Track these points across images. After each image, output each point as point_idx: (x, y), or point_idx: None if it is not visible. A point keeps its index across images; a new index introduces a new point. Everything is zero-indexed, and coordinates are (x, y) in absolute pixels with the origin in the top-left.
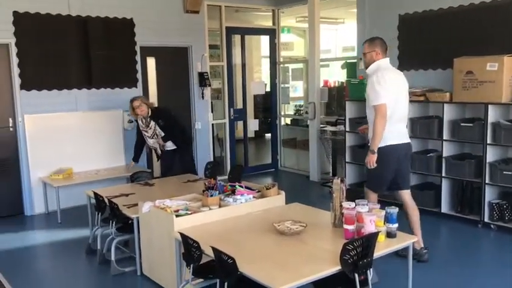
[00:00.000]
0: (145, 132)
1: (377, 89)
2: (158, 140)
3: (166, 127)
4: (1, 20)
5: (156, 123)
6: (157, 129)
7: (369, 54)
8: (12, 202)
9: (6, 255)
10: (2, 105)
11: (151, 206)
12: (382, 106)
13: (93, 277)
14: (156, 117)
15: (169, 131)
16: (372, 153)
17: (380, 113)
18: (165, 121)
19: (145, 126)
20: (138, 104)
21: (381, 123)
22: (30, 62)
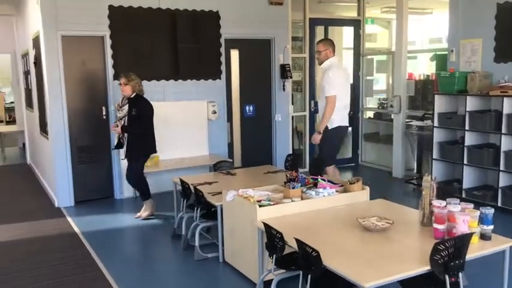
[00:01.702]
0: (117, 112)
1: (330, 82)
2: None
3: (134, 120)
4: (98, 14)
5: (129, 110)
6: (126, 117)
7: (323, 52)
8: (103, 186)
9: (98, 235)
10: (96, 94)
11: (235, 194)
12: (333, 97)
13: (177, 261)
14: (133, 104)
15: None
16: (318, 133)
17: (331, 102)
18: (137, 113)
19: (120, 106)
20: (122, 82)
21: (330, 110)
22: (122, 53)
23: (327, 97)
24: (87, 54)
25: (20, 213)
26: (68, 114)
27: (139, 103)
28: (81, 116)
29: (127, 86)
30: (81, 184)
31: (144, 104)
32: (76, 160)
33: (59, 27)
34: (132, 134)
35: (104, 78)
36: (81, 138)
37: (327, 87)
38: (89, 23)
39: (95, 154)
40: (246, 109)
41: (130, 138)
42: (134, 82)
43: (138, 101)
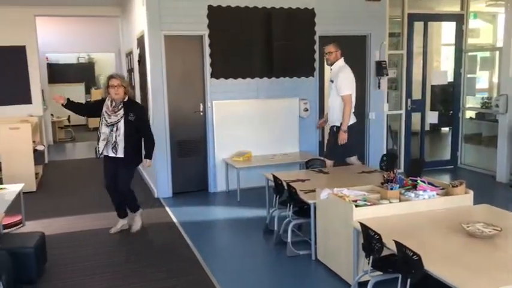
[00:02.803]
0: (107, 116)
1: (346, 82)
2: (113, 134)
3: (133, 125)
4: (198, 14)
5: (125, 115)
6: (121, 122)
7: (334, 53)
8: (199, 179)
9: (194, 226)
10: (195, 91)
11: (329, 193)
12: (350, 96)
13: (270, 256)
14: (129, 108)
15: (134, 130)
16: (344, 132)
17: (348, 101)
18: (136, 117)
19: (112, 111)
20: (116, 84)
21: (349, 108)
22: (219, 52)
23: (343, 96)
24: (187, 53)
25: None
26: (169, 110)
27: (137, 108)
28: (180, 112)
29: (121, 88)
30: (179, 177)
31: (142, 109)
32: (175, 154)
33: (162, 27)
34: (132, 141)
35: (201, 76)
36: (179, 133)
37: (343, 87)
38: (189, 22)
39: (192, 148)
40: None
41: (131, 145)
42: (127, 84)
43: (134, 106)
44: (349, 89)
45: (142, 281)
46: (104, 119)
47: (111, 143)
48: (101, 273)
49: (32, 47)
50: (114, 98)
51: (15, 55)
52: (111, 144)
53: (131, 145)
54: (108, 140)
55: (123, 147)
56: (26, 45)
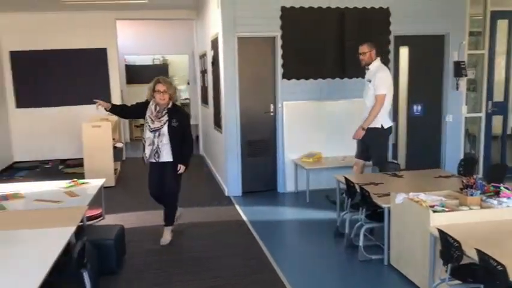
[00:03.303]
0: (150, 122)
1: (382, 82)
2: (155, 139)
3: (176, 131)
4: (271, 15)
5: (169, 121)
6: (165, 127)
7: (368, 53)
8: (267, 179)
9: (264, 225)
10: (266, 92)
11: (405, 197)
12: (383, 96)
13: (340, 259)
14: (172, 115)
15: (178, 136)
16: (362, 129)
17: (380, 100)
18: (179, 124)
19: (156, 117)
20: (163, 90)
21: (378, 108)
22: (291, 53)
23: (377, 95)
24: (259, 54)
25: (194, 199)
26: (240, 110)
27: (181, 114)
28: (251, 112)
29: (167, 95)
30: (249, 176)
31: (186, 115)
32: (245, 153)
33: (237, 29)
34: (177, 145)
35: (272, 77)
36: (250, 133)
37: (381, 86)
38: (262, 24)
39: (262, 148)
40: (414, 108)
41: (178, 149)
42: (173, 91)
43: (178, 112)
44: (385, 89)
45: (212, 277)
46: (148, 124)
47: (155, 149)
48: (174, 267)
49: (112, 49)
50: (159, 103)
51: (97, 57)
52: (155, 150)
53: (178, 149)
54: (155, 145)
55: (170, 152)
56: (107, 47)
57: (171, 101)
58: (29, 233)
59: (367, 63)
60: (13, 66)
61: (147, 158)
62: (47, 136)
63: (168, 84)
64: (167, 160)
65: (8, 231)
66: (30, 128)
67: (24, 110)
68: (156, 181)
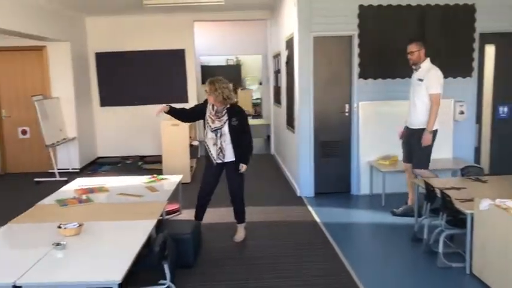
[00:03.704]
0: (211, 121)
1: (436, 81)
2: (217, 139)
3: (237, 129)
4: (348, 14)
5: (229, 120)
6: (225, 127)
7: (416, 52)
8: (340, 180)
9: (337, 227)
10: (341, 92)
11: (490, 204)
12: (439, 95)
13: (418, 265)
14: (232, 113)
15: (238, 135)
16: (430, 133)
17: (437, 100)
18: (239, 122)
19: (216, 116)
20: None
21: (437, 108)
22: (369, 52)
23: (433, 95)
24: (334, 54)
25: (264, 198)
26: (314, 110)
27: (240, 113)
28: (325, 112)
29: (210, 96)
30: (321, 177)
31: (244, 113)
32: (318, 154)
33: (312, 28)
34: (239, 144)
35: (348, 76)
36: (323, 133)
37: (434, 85)
38: (338, 23)
39: (335, 149)
40: (500, 110)
41: (240, 148)
42: (218, 92)
43: (237, 111)
44: (439, 88)
45: (284, 277)
46: (208, 124)
47: (219, 149)
48: (247, 264)
49: (190, 50)
50: (216, 105)
51: (176, 58)
52: (219, 150)
53: (240, 148)
54: (218, 145)
55: (232, 151)
56: (185, 48)
57: (228, 101)
58: (114, 225)
59: (415, 62)
60: (98, 67)
61: (215, 158)
62: (128, 133)
63: (211, 85)
64: (230, 160)
65: (95, 222)
66: (112, 125)
67: (107, 108)
68: (212, 181)
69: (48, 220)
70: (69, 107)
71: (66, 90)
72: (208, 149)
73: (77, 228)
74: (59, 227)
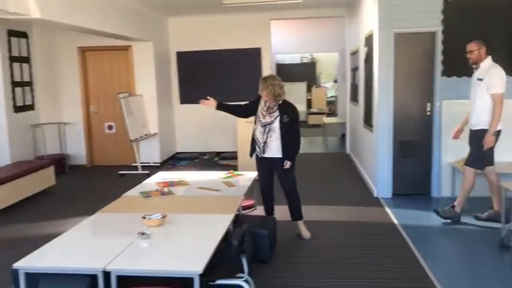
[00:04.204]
0: (262, 116)
1: (498, 80)
2: (265, 135)
3: (287, 127)
4: (431, 10)
5: (280, 117)
6: (276, 123)
7: (476, 51)
8: (420, 182)
9: (417, 230)
10: (422, 90)
11: None
12: (502, 95)
13: (507, 275)
14: (283, 110)
15: (288, 132)
16: (493, 135)
17: (500, 100)
18: (290, 119)
19: (267, 112)
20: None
21: (500, 109)
22: (453, 49)
23: (494, 95)
24: (415, 51)
25: (340, 198)
26: (394, 109)
27: (291, 110)
28: (405, 111)
29: (263, 92)
30: (400, 178)
31: (296, 111)
32: (397, 154)
33: (393, 25)
34: (287, 141)
35: (430, 74)
36: (403, 132)
37: (496, 84)
38: (421, 19)
39: (416, 149)
40: None
41: (288, 145)
42: (269, 89)
43: (289, 108)
44: (502, 88)
45: (360, 278)
46: (259, 118)
47: (263, 143)
48: (321, 263)
49: (266, 49)
50: (269, 101)
51: (252, 56)
52: (263, 145)
53: (288, 146)
54: (263, 140)
55: (279, 147)
56: (261, 47)
57: (279, 98)
58: (194, 217)
59: (475, 61)
60: (178, 66)
61: (260, 152)
62: (205, 130)
63: (264, 82)
64: (275, 156)
65: (177, 214)
66: (191, 122)
67: (186, 106)
68: (266, 175)
69: (133, 211)
70: (152, 104)
71: (149, 88)
72: (256, 142)
73: (160, 219)
74: (143, 217)
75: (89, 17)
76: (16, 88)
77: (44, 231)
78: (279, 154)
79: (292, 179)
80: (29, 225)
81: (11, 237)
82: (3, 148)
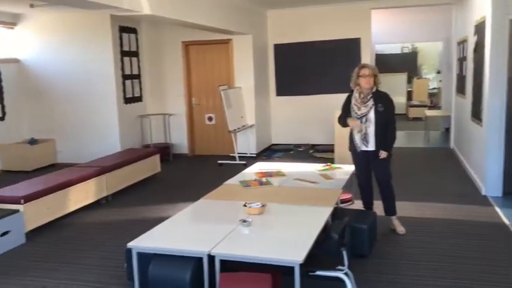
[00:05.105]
0: (357, 109)
1: None
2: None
3: (382, 116)
4: None
5: (375, 106)
6: (371, 113)
7: None
8: None
9: None
10: None
11: None
12: None
13: None
14: (377, 99)
15: (383, 122)
16: None
17: None
18: (385, 108)
19: (361, 103)
20: (368, 73)
21: None
22: None
23: None
24: None
25: (442, 195)
26: (507, 103)
27: (386, 98)
28: None
29: (372, 78)
30: None
31: (390, 99)
32: (509, 150)
33: (508, 10)
34: (382, 131)
35: None
36: None
37: None
38: None
39: None
40: None
41: (382, 136)
42: (377, 73)
43: (383, 96)
44: None
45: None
46: (354, 111)
47: (363, 136)
48: (422, 261)
49: (366, 39)
50: (365, 88)
51: (351, 47)
52: (363, 137)
53: (383, 136)
54: (361, 133)
55: (374, 139)
56: (360, 37)
57: (376, 85)
58: (292, 208)
59: None
60: (276, 58)
61: (359, 146)
62: (301, 122)
63: (373, 68)
64: (372, 148)
65: (275, 204)
66: (286, 114)
67: (282, 97)
68: (364, 170)
69: (234, 198)
70: (249, 96)
71: (247, 80)
72: (353, 136)
73: (260, 207)
74: (244, 205)
75: (194, 13)
76: (126, 81)
77: (152, 214)
78: (375, 146)
79: (388, 172)
80: (139, 209)
81: (124, 219)
82: (115, 137)
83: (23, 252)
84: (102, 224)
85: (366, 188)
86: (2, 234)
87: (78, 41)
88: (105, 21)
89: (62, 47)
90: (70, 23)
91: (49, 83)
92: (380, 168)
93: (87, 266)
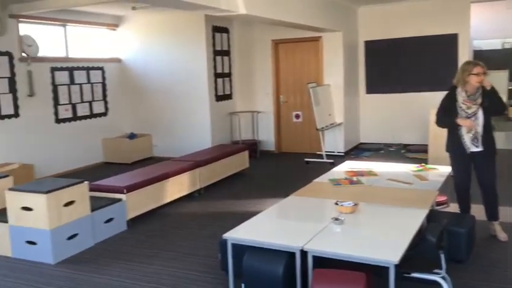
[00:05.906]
0: (465, 108)
1: None
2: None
3: (488, 111)
4: None
5: (482, 102)
6: (480, 111)
7: None
8: None
9: None
10: None
11: None
12: None
13: None
14: (485, 94)
15: (489, 118)
16: None
17: None
18: (489, 98)
19: (471, 101)
20: (482, 71)
21: None
22: None
23: None
24: None
25: None
26: None
27: (489, 91)
28: None
29: (483, 76)
30: None
31: (494, 90)
32: None
33: None
34: (489, 129)
35: None
36: None
37: None
38: None
39: None
40: None
41: (489, 133)
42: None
43: (486, 90)
44: None
45: None
46: (463, 111)
47: (474, 135)
48: None
49: (464, 35)
50: (475, 86)
51: (447, 43)
52: (473, 137)
53: (490, 134)
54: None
55: (481, 139)
56: (458, 33)
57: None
58: (386, 208)
59: None
60: (366, 55)
61: (468, 147)
62: (392, 121)
63: (484, 66)
64: (478, 149)
65: (367, 203)
66: (376, 112)
67: (372, 95)
68: (465, 171)
69: (324, 196)
70: (338, 93)
71: (336, 78)
72: (462, 137)
73: (352, 206)
74: (336, 203)
75: (286, 11)
76: (218, 79)
77: (242, 208)
78: (482, 147)
79: (494, 175)
80: (229, 202)
81: (215, 212)
82: (206, 132)
83: (125, 239)
84: (195, 215)
85: (466, 192)
86: (106, 221)
87: (175, 41)
88: (200, 21)
89: (159, 47)
90: (167, 24)
91: (147, 81)
92: (486, 171)
93: (181, 254)
